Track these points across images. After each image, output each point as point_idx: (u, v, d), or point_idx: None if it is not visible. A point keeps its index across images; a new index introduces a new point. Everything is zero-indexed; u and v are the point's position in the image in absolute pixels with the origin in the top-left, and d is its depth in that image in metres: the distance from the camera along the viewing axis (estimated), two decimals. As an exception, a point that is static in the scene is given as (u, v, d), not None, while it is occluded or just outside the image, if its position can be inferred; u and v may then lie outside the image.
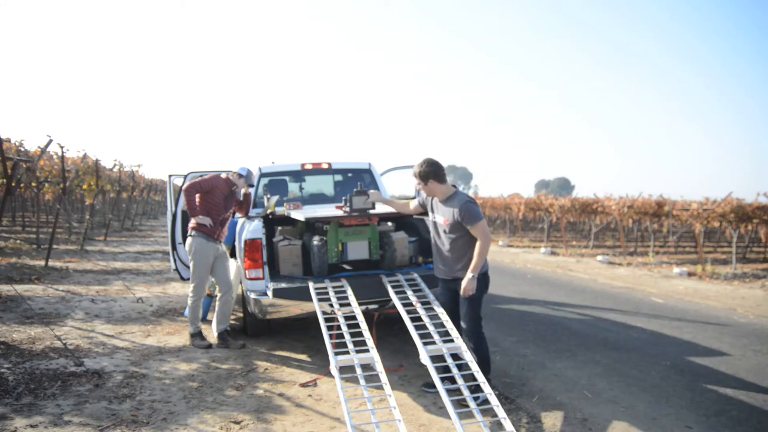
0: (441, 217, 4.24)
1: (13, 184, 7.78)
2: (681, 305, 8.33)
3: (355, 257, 5.39)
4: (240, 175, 5.56)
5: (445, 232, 4.21)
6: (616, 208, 16.11)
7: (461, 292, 4.10)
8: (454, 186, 4.31)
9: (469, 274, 4.04)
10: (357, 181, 6.91)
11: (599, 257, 14.40)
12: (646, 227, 19.90)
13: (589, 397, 4.40)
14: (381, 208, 5.22)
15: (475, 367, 3.84)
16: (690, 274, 11.71)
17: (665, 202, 15.97)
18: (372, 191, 5.02)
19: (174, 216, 6.66)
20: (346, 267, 5.68)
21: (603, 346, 5.85)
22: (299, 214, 5.17)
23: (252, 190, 5.91)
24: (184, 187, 5.44)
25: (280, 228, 5.89)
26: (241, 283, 5.88)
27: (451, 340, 4.12)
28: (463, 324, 4.21)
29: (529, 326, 6.73)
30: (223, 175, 5.54)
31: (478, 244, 4.06)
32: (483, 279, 4.16)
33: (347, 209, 5.05)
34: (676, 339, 6.24)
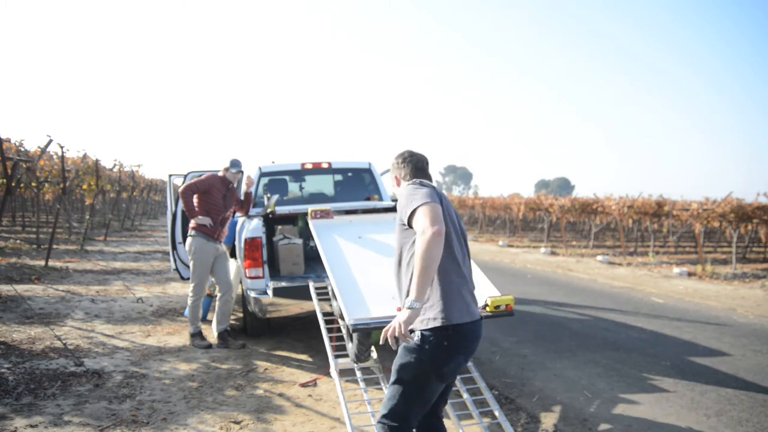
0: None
1: (13, 184, 7.78)
2: (681, 305, 8.33)
3: None
4: (236, 171, 5.50)
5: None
6: (616, 208, 16.11)
7: (387, 336, 2.31)
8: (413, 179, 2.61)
9: (405, 307, 2.28)
10: (357, 180, 6.89)
11: (599, 257, 14.40)
12: (646, 227, 19.90)
13: (589, 397, 4.40)
14: None
15: (475, 372, 3.83)
16: (690, 274, 11.71)
17: (665, 202, 15.97)
18: None
19: (174, 215, 6.67)
20: None
21: (603, 346, 5.85)
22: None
23: (252, 189, 5.91)
24: (180, 190, 5.42)
25: (280, 227, 5.89)
26: (240, 282, 5.88)
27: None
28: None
29: (529, 326, 6.73)
30: (220, 173, 5.54)
31: (416, 249, 2.27)
32: (436, 338, 2.32)
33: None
34: (676, 339, 6.24)
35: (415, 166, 2.65)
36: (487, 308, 3.41)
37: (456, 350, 2.35)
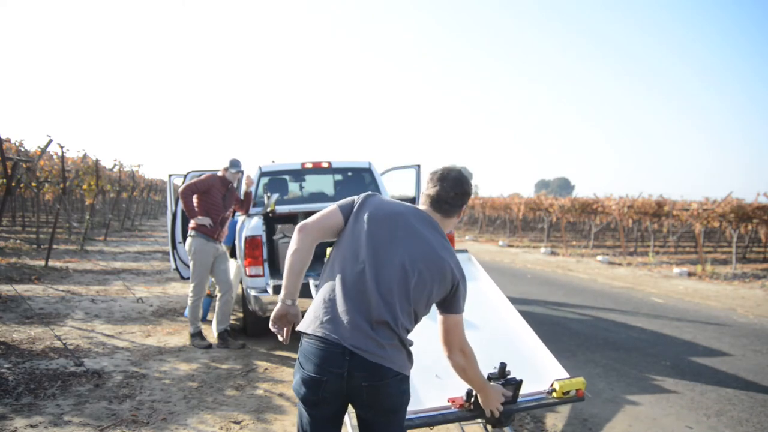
0: None
1: (13, 184, 7.78)
2: (681, 305, 8.33)
3: None
4: (236, 171, 5.52)
5: None
6: (616, 208, 16.11)
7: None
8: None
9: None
10: (357, 180, 6.89)
11: (599, 257, 14.40)
12: (646, 227, 19.89)
13: (589, 397, 4.40)
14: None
15: None
16: (690, 274, 11.71)
17: (665, 202, 15.97)
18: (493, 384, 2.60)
19: (174, 215, 6.67)
20: None
21: (603, 346, 5.85)
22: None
23: (252, 189, 5.91)
24: (179, 190, 5.43)
25: (280, 226, 5.89)
26: (241, 282, 5.88)
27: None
28: None
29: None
30: (219, 173, 5.55)
31: None
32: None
33: (470, 404, 2.75)
34: (676, 339, 6.24)
35: (428, 194, 2.19)
36: (554, 394, 2.93)
37: (299, 360, 2.03)
